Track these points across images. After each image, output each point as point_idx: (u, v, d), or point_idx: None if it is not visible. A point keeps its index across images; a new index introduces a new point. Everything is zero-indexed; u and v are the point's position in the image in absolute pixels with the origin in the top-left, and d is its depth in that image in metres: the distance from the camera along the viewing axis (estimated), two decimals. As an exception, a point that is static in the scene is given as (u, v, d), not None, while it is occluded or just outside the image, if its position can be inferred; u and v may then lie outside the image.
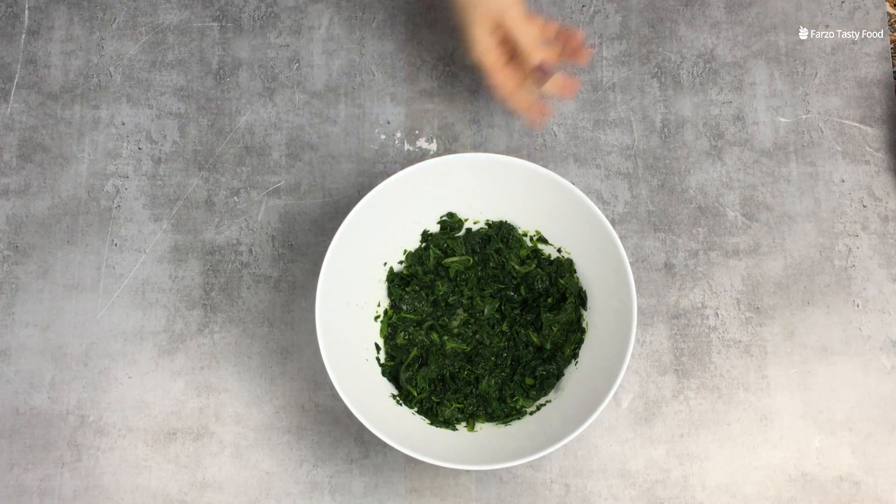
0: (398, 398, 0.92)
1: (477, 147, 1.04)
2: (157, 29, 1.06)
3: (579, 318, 0.94)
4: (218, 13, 1.07)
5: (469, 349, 0.95)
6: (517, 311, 0.96)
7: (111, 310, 0.99)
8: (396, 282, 0.96)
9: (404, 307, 0.95)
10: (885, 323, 0.98)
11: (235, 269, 1.00)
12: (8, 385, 0.97)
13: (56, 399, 0.97)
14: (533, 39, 0.89)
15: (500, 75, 0.90)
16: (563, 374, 0.93)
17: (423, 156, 1.03)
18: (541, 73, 0.90)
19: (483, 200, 0.95)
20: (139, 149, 1.03)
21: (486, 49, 0.89)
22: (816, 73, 1.05)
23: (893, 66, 1.05)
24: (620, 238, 0.97)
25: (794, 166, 1.02)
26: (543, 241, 0.96)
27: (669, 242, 1.01)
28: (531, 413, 0.92)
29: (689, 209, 1.01)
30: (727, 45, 1.06)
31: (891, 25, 1.07)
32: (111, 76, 1.05)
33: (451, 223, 0.96)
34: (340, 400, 0.96)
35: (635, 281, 0.93)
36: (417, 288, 0.96)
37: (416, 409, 0.92)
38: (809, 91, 1.04)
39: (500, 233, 0.96)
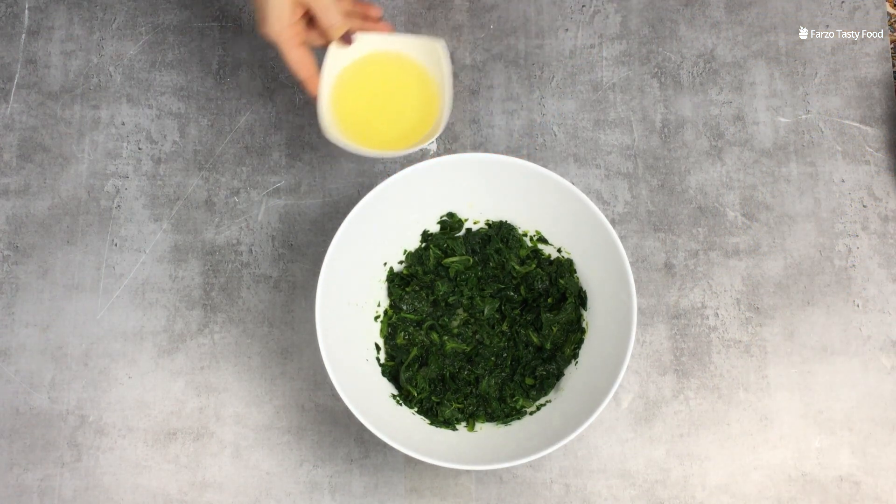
0: (398, 398, 0.92)
1: (477, 147, 1.04)
2: (157, 29, 1.06)
3: (579, 318, 0.94)
4: (218, 13, 1.07)
5: (469, 349, 0.95)
6: (517, 311, 0.96)
7: (111, 310, 0.99)
8: (396, 282, 0.96)
9: (404, 307, 0.95)
10: (885, 323, 0.98)
11: (235, 269, 1.00)
12: (8, 385, 0.97)
13: (56, 399, 0.97)
14: (336, 17, 0.87)
15: (295, 54, 0.87)
16: (563, 374, 0.93)
17: (423, 156, 1.03)
18: (345, 42, 0.90)
19: (483, 200, 0.95)
20: (139, 149, 1.03)
21: (283, 27, 0.86)
22: (816, 73, 1.05)
23: (893, 66, 1.05)
24: (620, 238, 0.97)
25: (794, 166, 1.02)
26: (543, 241, 0.96)
27: (669, 242, 1.01)
28: (531, 413, 0.92)
29: (689, 209, 1.01)
30: (727, 45, 1.06)
31: (891, 25, 1.07)
32: (111, 76, 1.05)
33: (451, 223, 0.96)
34: (340, 400, 0.96)
35: (635, 281, 0.93)
36: (417, 288, 0.96)
37: (416, 409, 0.92)
38: (809, 91, 1.04)
39: (500, 233, 0.96)
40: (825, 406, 0.96)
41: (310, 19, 0.89)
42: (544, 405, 0.92)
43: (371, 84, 0.93)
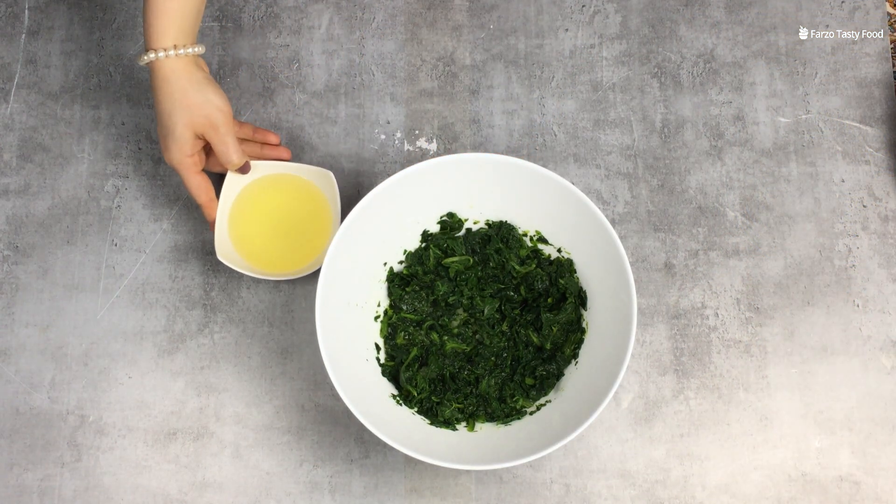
0: (398, 398, 0.92)
1: (477, 147, 1.04)
2: (157, 29, 1.06)
3: (579, 318, 0.94)
4: (218, 13, 1.07)
5: (469, 349, 0.95)
6: (517, 311, 0.96)
7: (111, 310, 0.99)
8: (396, 282, 0.96)
9: (404, 307, 0.95)
10: (885, 323, 0.98)
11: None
12: (8, 385, 0.97)
13: (56, 399, 0.97)
14: (234, 154, 0.92)
15: (195, 180, 0.93)
16: (563, 374, 0.93)
17: (423, 156, 1.03)
18: (242, 172, 0.96)
19: (483, 200, 0.95)
20: (139, 149, 1.03)
21: (184, 156, 0.91)
22: (816, 73, 1.05)
23: (893, 66, 1.05)
24: (620, 238, 0.97)
25: (794, 166, 1.02)
26: (543, 241, 0.96)
27: (669, 242, 1.01)
28: (531, 413, 0.92)
29: (689, 209, 1.01)
30: (727, 45, 1.06)
31: (891, 25, 1.07)
32: (111, 76, 1.05)
33: (451, 223, 0.96)
34: (340, 400, 0.96)
35: (635, 281, 0.93)
36: (417, 288, 0.96)
37: (416, 409, 0.92)
38: (809, 91, 1.04)
39: (500, 233, 0.96)
40: (825, 406, 0.96)
41: (210, 148, 0.95)
42: (544, 405, 0.92)
43: (267, 207, 0.98)
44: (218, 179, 0.98)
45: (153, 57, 0.88)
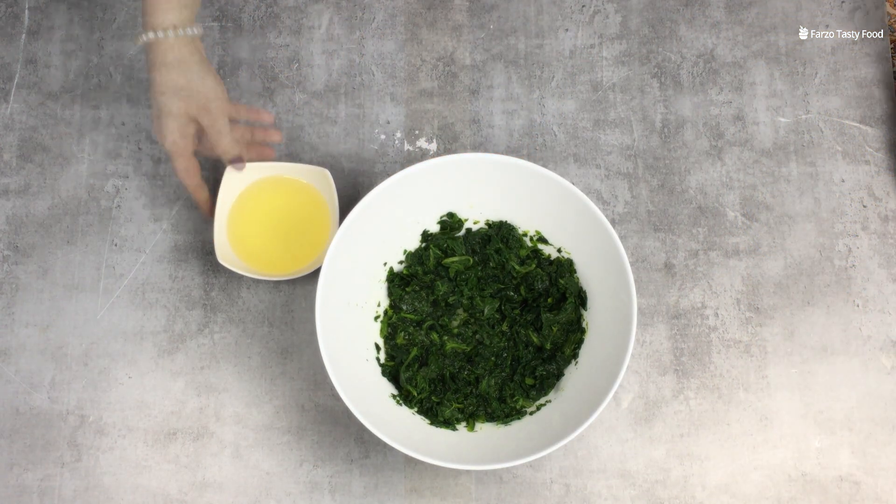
0: (398, 398, 0.92)
1: (477, 147, 1.04)
2: (157, 29, 1.06)
3: (579, 318, 0.94)
4: (218, 13, 1.07)
5: (469, 349, 0.95)
6: (517, 311, 0.96)
7: (111, 310, 0.99)
8: (396, 282, 0.96)
9: (404, 307, 0.95)
10: (885, 323, 0.98)
11: (235, 269, 1.00)
12: (8, 385, 0.97)
13: (56, 399, 0.97)
14: (227, 143, 0.92)
15: (184, 163, 0.92)
16: (563, 374, 0.93)
17: (423, 156, 1.03)
18: (237, 167, 0.96)
19: (483, 200, 0.95)
20: (139, 149, 1.03)
21: (176, 138, 0.90)
22: (816, 73, 1.05)
23: (893, 66, 1.05)
24: (620, 238, 0.97)
25: (794, 166, 1.02)
26: (543, 241, 0.96)
27: (669, 242, 1.01)
28: (531, 413, 0.92)
29: (689, 209, 1.01)
30: (727, 45, 1.06)
31: (891, 25, 1.07)
32: (111, 76, 1.05)
33: (451, 223, 0.96)
34: (340, 400, 0.96)
35: (635, 281, 0.93)
36: (417, 288, 0.96)
37: (416, 409, 0.92)
38: (809, 91, 1.04)
39: (500, 233, 0.96)
40: (825, 406, 0.96)
41: (202, 133, 0.94)
42: (544, 405, 0.92)
43: (266, 208, 0.98)
44: (211, 170, 0.98)
45: (152, 37, 0.86)
